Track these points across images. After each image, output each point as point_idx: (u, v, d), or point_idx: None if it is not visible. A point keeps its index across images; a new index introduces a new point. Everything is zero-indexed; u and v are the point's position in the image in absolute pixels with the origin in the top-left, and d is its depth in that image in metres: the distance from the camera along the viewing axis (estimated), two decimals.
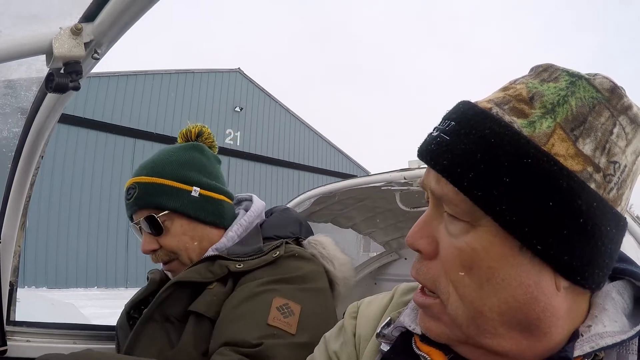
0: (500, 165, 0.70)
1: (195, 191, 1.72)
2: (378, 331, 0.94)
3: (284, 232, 1.78)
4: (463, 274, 0.75)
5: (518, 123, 0.72)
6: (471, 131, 0.74)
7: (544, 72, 0.78)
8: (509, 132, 0.71)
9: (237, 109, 27.84)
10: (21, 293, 2.41)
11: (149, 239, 1.70)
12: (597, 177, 0.70)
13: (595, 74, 0.76)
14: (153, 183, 1.69)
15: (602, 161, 0.71)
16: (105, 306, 15.39)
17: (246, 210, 1.84)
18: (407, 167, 2.39)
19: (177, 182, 1.71)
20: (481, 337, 0.77)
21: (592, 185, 0.70)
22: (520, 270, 0.71)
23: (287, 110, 30.87)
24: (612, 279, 0.83)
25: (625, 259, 0.86)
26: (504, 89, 0.79)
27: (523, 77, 0.80)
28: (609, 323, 0.75)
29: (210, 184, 1.76)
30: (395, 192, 2.50)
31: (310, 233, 1.87)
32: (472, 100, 0.80)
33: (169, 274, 1.78)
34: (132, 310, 1.80)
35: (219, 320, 1.49)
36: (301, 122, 31.62)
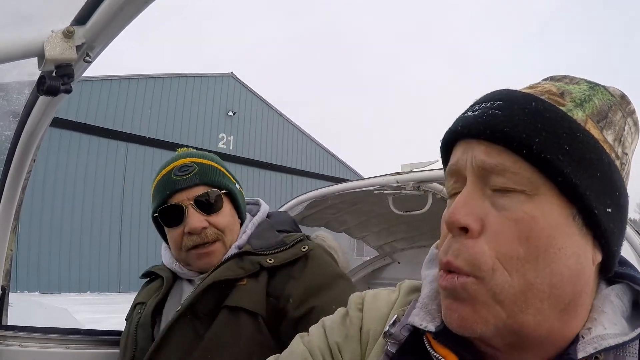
0: (560, 135, 0.75)
1: (237, 185, 1.88)
2: (386, 330, 0.92)
3: (291, 226, 1.93)
4: (518, 245, 0.74)
5: (560, 108, 0.78)
6: (526, 106, 0.78)
7: (564, 79, 0.86)
8: (559, 111, 0.77)
9: (230, 113, 27.84)
10: (14, 298, 2.40)
11: (199, 216, 1.72)
12: (617, 163, 0.79)
13: (608, 85, 0.86)
14: (213, 166, 1.81)
15: (619, 151, 0.80)
16: (98, 311, 15.36)
17: (250, 213, 1.94)
18: (400, 170, 2.39)
19: (227, 173, 1.85)
20: (525, 313, 0.74)
21: None
22: (573, 240, 0.74)
23: (281, 114, 30.88)
24: (611, 282, 0.84)
25: (624, 262, 0.87)
26: (530, 87, 0.85)
27: (542, 82, 0.87)
28: (608, 325, 0.76)
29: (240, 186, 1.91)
30: (388, 196, 2.50)
31: None
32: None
33: (178, 266, 1.83)
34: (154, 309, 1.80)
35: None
36: (294, 127, 31.64)
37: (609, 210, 0.75)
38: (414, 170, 2.33)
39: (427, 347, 0.85)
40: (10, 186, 1.85)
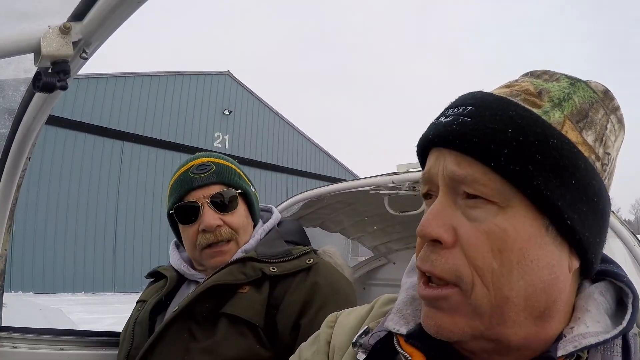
0: (531, 144, 0.72)
1: (252, 188, 1.90)
2: (354, 340, 0.94)
3: (299, 238, 1.93)
4: (491, 258, 0.73)
5: (535, 111, 0.76)
6: (497, 112, 0.75)
7: (544, 75, 0.83)
8: (533, 116, 0.75)
9: (226, 112, 27.82)
10: (8, 298, 2.39)
11: (214, 214, 1.75)
12: (598, 165, 0.77)
13: (590, 80, 0.83)
14: (229, 167, 1.84)
15: (600, 151, 0.77)
16: (92, 311, 15.34)
17: (261, 219, 1.96)
18: (396, 171, 2.39)
19: (244, 176, 1.88)
20: (502, 326, 0.75)
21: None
22: (547, 250, 0.73)
23: (277, 113, 30.87)
24: (594, 280, 0.84)
25: (607, 260, 0.88)
26: (507, 86, 0.83)
27: (521, 78, 0.84)
28: (591, 323, 0.77)
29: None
30: (384, 197, 2.50)
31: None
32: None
33: (186, 267, 1.84)
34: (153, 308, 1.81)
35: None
36: (290, 126, 31.63)
37: (585, 217, 0.74)
38: (410, 170, 2.33)
39: (397, 346, 0.86)
40: (5, 184, 1.83)
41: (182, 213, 1.77)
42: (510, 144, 0.72)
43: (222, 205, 1.76)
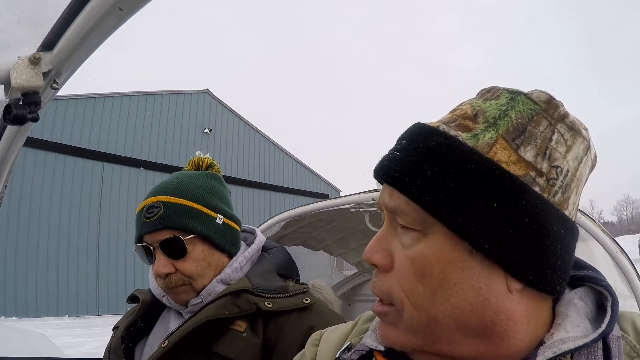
0: (445, 172, 0.75)
1: (220, 219, 1.72)
2: (337, 356, 0.96)
3: (290, 272, 1.85)
4: (416, 282, 0.78)
5: (462, 136, 0.78)
6: (419, 145, 0.79)
7: (487, 93, 0.84)
8: (453, 143, 0.77)
9: (207, 130, 27.78)
10: None
11: (165, 261, 1.64)
12: (541, 180, 0.75)
13: (534, 90, 0.83)
14: (182, 204, 1.66)
15: (544, 166, 0.76)
16: (77, 335, 15.15)
17: (245, 242, 1.85)
18: (375, 188, 2.39)
19: (204, 208, 1.69)
20: (437, 343, 0.79)
21: (537, 189, 0.74)
22: (471, 274, 0.75)
23: (257, 131, 30.88)
24: (574, 286, 0.86)
25: (584, 266, 0.89)
26: (452, 110, 0.85)
27: (468, 100, 0.86)
28: (571, 328, 0.77)
29: (230, 213, 1.77)
30: (365, 214, 2.51)
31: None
32: (425, 122, 0.86)
33: (166, 298, 1.75)
34: (125, 333, 1.73)
35: None
36: (271, 142, 31.65)
37: (512, 239, 0.73)
38: None
39: None
40: None
41: (141, 254, 1.71)
42: (424, 174, 0.76)
43: (172, 251, 1.64)
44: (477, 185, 0.73)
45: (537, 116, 0.78)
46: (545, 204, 0.74)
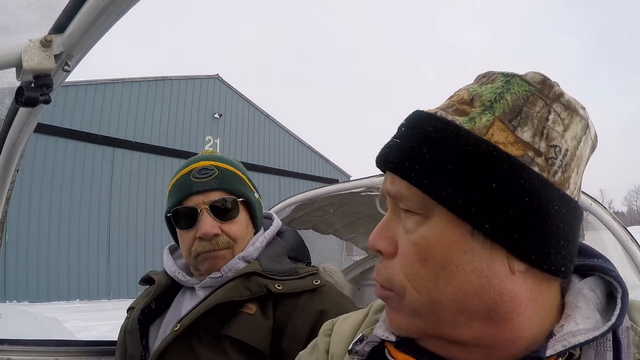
0: (443, 156, 0.76)
1: (256, 194, 1.85)
2: (350, 348, 0.96)
3: (301, 255, 1.88)
4: (419, 266, 0.79)
5: (459, 120, 0.79)
6: (417, 131, 0.81)
7: (483, 78, 0.85)
8: (450, 127, 0.78)
9: (217, 115, 27.79)
10: (3, 308, 2.38)
11: (213, 222, 1.68)
12: (539, 160, 0.75)
13: (528, 71, 0.83)
14: (233, 172, 1.78)
15: (542, 146, 0.76)
16: (88, 319, 15.29)
17: (263, 227, 1.90)
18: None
19: (248, 181, 1.82)
20: (442, 327, 0.80)
21: (535, 168, 0.75)
22: (473, 255, 0.75)
23: (267, 115, 30.88)
24: (584, 275, 0.86)
25: (595, 254, 0.88)
26: (450, 97, 0.86)
27: (467, 85, 0.87)
28: (581, 320, 0.77)
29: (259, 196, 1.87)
30: (375, 197, 2.50)
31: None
32: (424, 109, 0.87)
33: (182, 274, 1.78)
34: (140, 315, 1.75)
35: None
36: (281, 128, 31.65)
37: (513, 219, 0.73)
38: None
39: (387, 355, 0.90)
40: None
41: (180, 217, 1.71)
42: (424, 158, 0.77)
43: (222, 212, 1.69)
44: (475, 167, 0.74)
45: (533, 97, 0.79)
46: (544, 183, 0.74)
